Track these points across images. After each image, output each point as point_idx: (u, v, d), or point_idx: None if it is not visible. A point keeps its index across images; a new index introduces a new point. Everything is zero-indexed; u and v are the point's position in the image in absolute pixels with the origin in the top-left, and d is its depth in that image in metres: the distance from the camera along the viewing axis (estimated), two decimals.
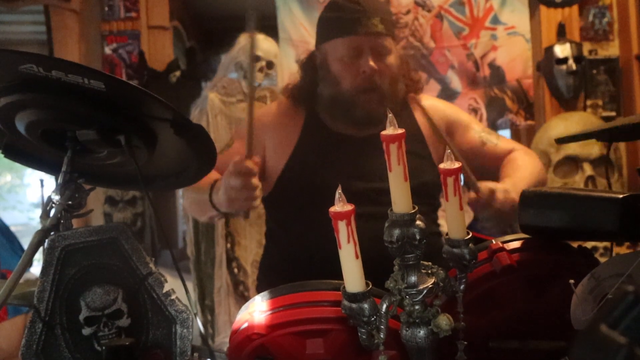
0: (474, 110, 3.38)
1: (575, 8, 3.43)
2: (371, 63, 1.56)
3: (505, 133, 3.96)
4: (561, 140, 1.20)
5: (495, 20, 3.35)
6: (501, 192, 1.39)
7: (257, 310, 0.96)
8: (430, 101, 1.77)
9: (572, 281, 0.89)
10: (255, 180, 1.43)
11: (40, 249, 0.98)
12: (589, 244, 1.59)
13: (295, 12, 3.32)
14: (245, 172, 1.41)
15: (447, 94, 3.37)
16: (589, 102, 3.44)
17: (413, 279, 0.86)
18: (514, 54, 3.37)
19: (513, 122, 3.41)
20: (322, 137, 1.65)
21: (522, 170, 1.57)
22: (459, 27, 3.36)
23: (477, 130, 1.71)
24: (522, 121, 3.41)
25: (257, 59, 3.02)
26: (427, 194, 1.60)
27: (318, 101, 1.67)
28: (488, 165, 1.66)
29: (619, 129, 1.06)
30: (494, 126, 3.44)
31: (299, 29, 3.30)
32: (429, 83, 3.37)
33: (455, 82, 3.38)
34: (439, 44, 3.37)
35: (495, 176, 1.70)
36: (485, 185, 1.40)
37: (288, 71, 3.14)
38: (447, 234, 0.90)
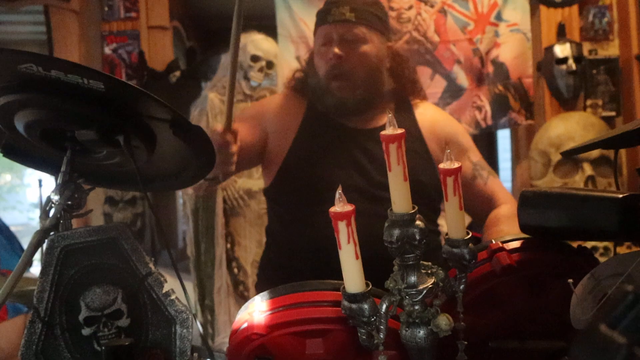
0: (478, 108, 3.37)
1: (575, 8, 3.43)
2: (335, 50, 1.60)
3: (505, 133, 3.96)
4: (567, 153, 1.19)
5: (498, 17, 3.34)
6: None
7: (257, 310, 0.96)
8: (431, 113, 1.75)
9: (571, 281, 0.89)
10: (232, 148, 1.47)
11: (40, 249, 0.98)
12: (589, 244, 1.59)
13: (295, 7, 3.31)
14: (222, 144, 1.45)
15: (453, 90, 3.36)
16: (588, 102, 3.44)
17: (413, 279, 0.86)
18: (516, 52, 3.35)
19: (515, 120, 3.39)
20: (323, 127, 1.66)
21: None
22: (464, 22, 3.35)
23: (472, 161, 1.68)
24: (522, 120, 3.40)
25: (256, 59, 3.02)
26: (424, 194, 1.59)
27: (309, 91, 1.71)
28: (467, 200, 1.60)
29: (623, 136, 1.06)
30: (497, 125, 3.43)
31: (298, 24, 3.29)
32: (434, 79, 3.36)
33: (461, 78, 3.37)
34: (443, 39, 3.35)
35: (470, 212, 1.65)
36: None
37: (288, 68, 3.14)
38: (447, 234, 0.90)
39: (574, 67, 3.29)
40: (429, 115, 1.72)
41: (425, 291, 0.86)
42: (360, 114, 1.64)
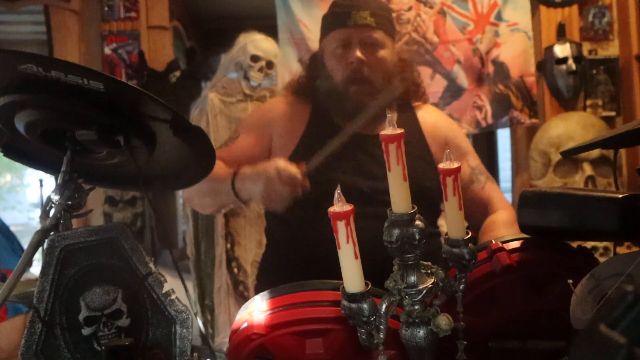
0: (479, 108, 3.37)
1: (575, 8, 3.43)
2: (358, 54, 1.59)
3: (505, 133, 3.96)
4: (567, 153, 1.19)
5: (498, 17, 3.34)
6: None
7: (256, 310, 0.96)
8: (433, 116, 1.75)
9: (570, 281, 0.89)
10: (300, 183, 1.42)
11: (40, 249, 0.98)
12: (589, 244, 1.59)
13: (296, 9, 3.31)
14: (293, 182, 1.41)
15: (453, 90, 3.36)
16: (588, 102, 3.44)
17: (412, 278, 0.86)
18: (517, 51, 3.35)
19: (518, 119, 3.39)
20: (327, 133, 1.64)
21: None
22: (464, 22, 3.35)
23: (470, 165, 1.69)
24: (526, 119, 3.39)
25: (256, 58, 3.02)
26: (427, 198, 1.57)
27: (317, 96, 1.68)
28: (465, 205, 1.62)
29: (622, 136, 1.06)
30: (498, 124, 3.43)
31: (298, 27, 3.30)
32: (435, 78, 3.36)
33: (462, 78, 3.37)
34: (443, 39, 3.35)
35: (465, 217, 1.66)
36: None
37: (289, 71, 3.14)
38: (446, 234, 0.90)
39: (574, 67, 3.29)
40: (430, 118, 1.72)
41: (425, 291, 0.86)
42: (371, 119, 1.60)
